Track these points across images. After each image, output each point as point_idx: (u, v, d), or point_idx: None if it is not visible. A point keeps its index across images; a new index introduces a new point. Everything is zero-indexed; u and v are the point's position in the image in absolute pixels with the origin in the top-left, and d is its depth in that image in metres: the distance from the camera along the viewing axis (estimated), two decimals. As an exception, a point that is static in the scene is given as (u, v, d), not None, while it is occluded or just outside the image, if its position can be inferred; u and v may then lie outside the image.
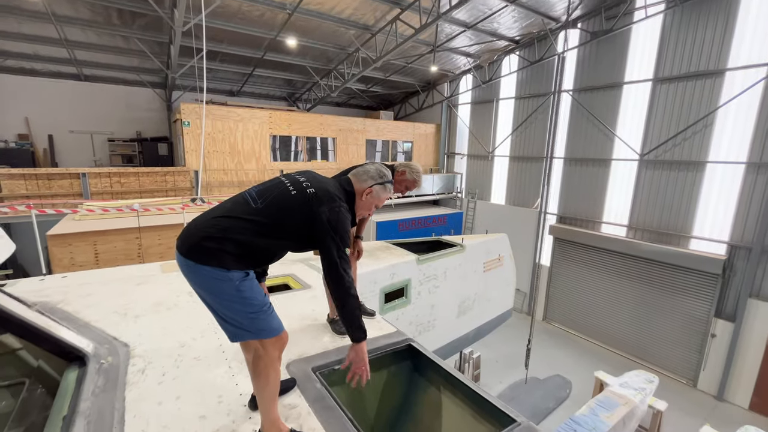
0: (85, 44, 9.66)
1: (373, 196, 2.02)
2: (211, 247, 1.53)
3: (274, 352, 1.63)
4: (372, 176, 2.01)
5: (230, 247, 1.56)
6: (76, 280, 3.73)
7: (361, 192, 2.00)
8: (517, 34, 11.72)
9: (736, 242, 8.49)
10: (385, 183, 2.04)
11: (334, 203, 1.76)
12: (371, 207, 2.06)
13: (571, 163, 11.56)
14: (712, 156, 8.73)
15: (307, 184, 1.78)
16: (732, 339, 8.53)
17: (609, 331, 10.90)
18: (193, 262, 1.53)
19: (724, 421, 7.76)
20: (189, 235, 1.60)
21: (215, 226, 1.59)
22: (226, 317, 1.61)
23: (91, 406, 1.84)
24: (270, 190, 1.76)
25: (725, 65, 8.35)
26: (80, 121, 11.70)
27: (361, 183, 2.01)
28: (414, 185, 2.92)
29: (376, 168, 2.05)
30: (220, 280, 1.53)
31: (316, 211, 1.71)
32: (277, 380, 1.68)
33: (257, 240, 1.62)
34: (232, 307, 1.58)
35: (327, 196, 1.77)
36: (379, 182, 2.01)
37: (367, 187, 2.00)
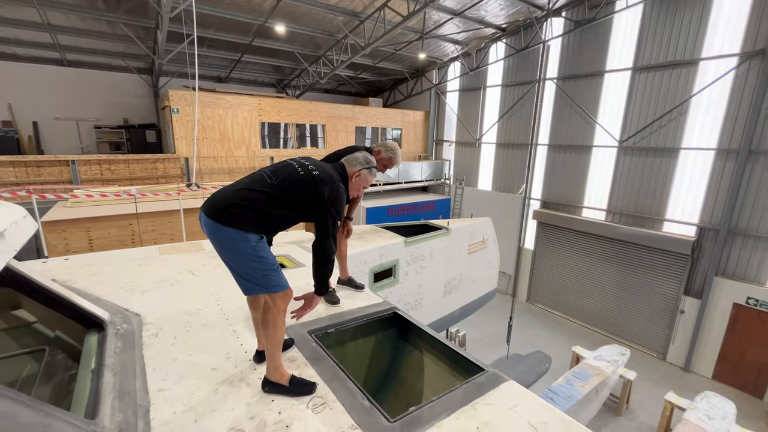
0: (69, 29, 9.52)
1: (361, 179, 2.42)
2: (234, 213, 1.85)
3: (281, 305, 1.93)
4: (360, 162, 2.42)
5: (250, 213, 1.88)
6: (79, 261, 3.92)
7: (352, 175, 2.39)
8: (504, 22, 11.89)
9: (704, 224, 9.03)
10: (371, 168, 2.46)
11: (334, 184, 2.11)
12: (359, 188, 2.46)
13: (555, 150, 11.94)
14: (686, 143, 9.17)
15: (312, 167, 2.13)
16: (699, 314, 9.15)
17: (588, 309, 11.49)
18: (218, 223, 1.84)
19: (689, 389, 8.40)
20: (215, 202, 1.91)
21: (238, 196, 1.91)
22: (243, 273, 1.92)
23: (115, 362, 2.10)
24: (282, 169, 2.09)
25: (699, 55, 8.72)
26: (65, 107, 11.55)
27: (351, 167, 2.40)
28: (391, 162, 3.08)
29: (364, 156, 2.46)
30: (241, 240, 1.85)
31: (320, 190, 2.05)
32: (283, 329, 1.99)
33: (271, 209, 1.95)
34: (248, 264, 1.89)
35: (329, 178, 2.11)
36: (365, 167, 2.42)
37: (356, 171, 2.39)
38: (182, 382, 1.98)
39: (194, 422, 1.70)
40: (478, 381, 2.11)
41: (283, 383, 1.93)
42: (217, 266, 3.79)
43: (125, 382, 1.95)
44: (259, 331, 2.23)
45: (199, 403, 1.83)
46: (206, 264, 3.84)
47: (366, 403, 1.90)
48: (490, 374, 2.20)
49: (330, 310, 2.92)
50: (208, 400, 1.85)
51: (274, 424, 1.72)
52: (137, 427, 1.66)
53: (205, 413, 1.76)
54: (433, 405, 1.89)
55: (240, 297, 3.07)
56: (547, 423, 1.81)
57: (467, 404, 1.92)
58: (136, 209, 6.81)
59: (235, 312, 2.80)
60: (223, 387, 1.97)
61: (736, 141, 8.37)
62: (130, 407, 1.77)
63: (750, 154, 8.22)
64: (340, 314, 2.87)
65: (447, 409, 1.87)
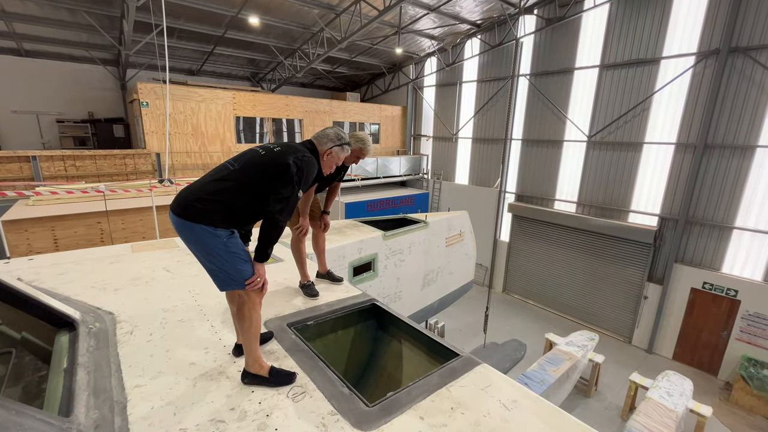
0: (25, 16, 8.95)
1: (333, 156, 2.30)
2: (200, 208, 1.81)
3: (255, 299, 1.94)
4: (331, 138, 2.28)
5: (218, 207, 1.83)
6: (45, 261, 3.76)
7: (322, 153, 2.27)
8: (479, 18, 12.07)
9: (665, 214, 9.58)
10: (343, 144, 2.32)
11: (298, 152, 2.03)
12: (332, 165, 2.34)
13: (528, 145, 12.29)
14: (648, 137, 9.66)
15: (276, 146, 2.06)
16: (660, 299, 9.72)
17: (560, 298, 11.98)
18: (186, 220, 1.80)
19: (651, 369, 8.94)
20: (182, 197, 1.86)
21: (204, 190, 1.86)
22: (215, 270, 1.89)
23: (88, 360, 2.07)
24: (244, 154, 2.03)
25: (660, 54, 9.18)
26: (24, 100, 10.89)
27: (321, 145, 2.27)
28: (362, 153, 2.95)
29: (335, 131, 2.30)
30: (210, 236, 1.81)
31: (284, 160, 1.95)
32: (259, 322, 1.99)
33: (240, 199, 1.89)
34: (221, 260, 1.86)
35: (293, 149, 2.05)
36: (337, 144, 2.29)
37: (327, 148, 2.27)
38: (160, 377, 1.98)
39: (173, 415, 1.71)
40: (452, 365, 2.22)
41: (263, 374, 1.96)
42: (192, 263, 3.73)
43: (100, 380, 1.93)
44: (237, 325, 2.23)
45: (177, 397, 1.84)
46: (181, 261, 3.78)
47: (345, 390, 1.96)
48: (464, 359, 2.30)
49: (309, 303, 2.95)
50: (187, 394, 1.86)
51: (255, 414, 1.75)
52: (114, 423, 1.65)
53: (185, 406, 1.77)
54: (410, 389, 1.98)
55: (217, 293, 3.06)
56: (517, 401, 1.93)
57: (442, 387, 2.01)
58: (106, 206, 6.55)
59: (212, 308, 2.79)
60: (202, 381, 1.98)
61: (694, 136, 8.89)
62: (106, 404, 1.76)
63: (706, 148, 8.76)
64: (319, 307, 2.91)
65: (423, 392, 1.96)
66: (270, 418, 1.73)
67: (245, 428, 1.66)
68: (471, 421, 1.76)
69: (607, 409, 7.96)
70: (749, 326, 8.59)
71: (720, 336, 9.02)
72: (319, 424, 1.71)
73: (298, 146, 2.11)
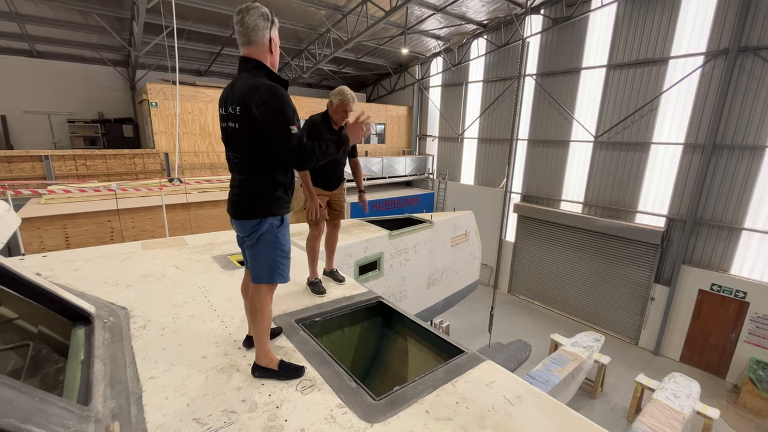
0: (38, 18, 9.13)
1: (276, 42, 1.90)
2: (241, 204, 1.93)
3: (267, 292, 2.01)
4: (263, 26, 1.80)
5: (255, 192, 1.92)
6: (59, 258, 3.86)
7: (266, 49, 1.84)
8: (485, 18, 12.07)
9: (673, 215, 9.50)
10: (274, 20, 1.86)
11: (257, 90, 1.73)
12: (276, 48, 1.91)
13: (534, 145, 12.26)
14: (656, 137, 9.60)
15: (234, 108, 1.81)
16: (668, 301, 9.65)
17: (566, 299, 11.93)
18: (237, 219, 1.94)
19: (658, 371, 8.88)
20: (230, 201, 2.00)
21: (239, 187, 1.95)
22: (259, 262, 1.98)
23: (104, 352, 2.13)
24: (226, 139, 1.95)
25: (669, 53, 9.11)
26: (36, 100, 11.10)
27: (259, 44, 1.82)
28: (345, 106, 2.85)
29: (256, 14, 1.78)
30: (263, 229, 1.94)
31: (252, 112, 1.73)
32: (269, 316, 2.05)
33: (257, 178, 1.89)
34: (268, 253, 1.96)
35: (248, 93, 1.75)
36: (271, 25, 1.84)
37: (269, 39, 1.84)
38: (173, 370, 2.04)
39: (187, 406, 1.77)
40: (457, 362, 2.25)
41: (273, 367, 2.01)
42: (201, 261, 3.81)
43: (116, 372, 1.99)
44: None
45: (190, 388, 1.90)
46: (191, 259, 3.85)
47: (353, 384, 2.00)
48: (469, 355, 2.33)
49: (316, 300, 3.00)
50: (199, 386, 1.92)
51: (265, 405, 1.80)
52: (130, 413, 1.71)
53: (197, 398, 1.83)
54: (416, 384, 2.02)
55: (227, 290, 3.13)
56: (521, 397, 1.96)
57: (448, 382, 2.05)
58: (117, 205, 6.67)
59: (222, 304, 2.85)
60: (213, 373, 2.03)
61: (702, 136, 8.82)
62: (122, 394, 1.82)
63: (714, 149, 8.68)
64: (326, 304, 2.96)
65: (429, 387, 2.00)
66: (280, 410, 1.78)
67: (256, 419, 1.71)
68: (476, 415, 1.80)
69: (612, 410, 7.93)
70: (758, 328, 8.50)
71: (728, 338, 8.93)
72: (328, 416, 1.76)
73: (250, 85, 1.76)
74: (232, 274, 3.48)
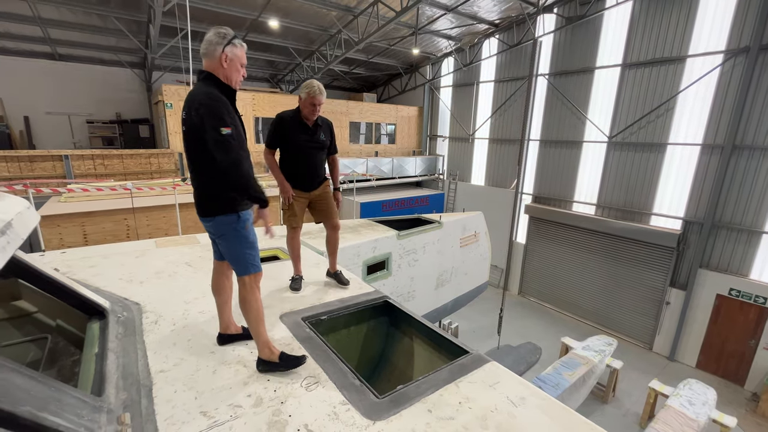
0: (60, 22, 9.44)
1: (231, 57, 2.00)
2: (203, 204, 2.09)
3: (252, 283, 2.12)
4: (216, 42, 1.96)
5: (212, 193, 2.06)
6: (76, 254, 3.99)
7: (218, 62, 1.98)
8: (497, 18, 11.97)
9: (690, 218, 9.27)
10: (232, 40, 2.00)
11: (196, 97, 1.91)
12: (238, 68, 2.06)
13: (546, 145, 12.11)
14: (672, 138, 9.38)
15: (183, 113, 2.00)
16: (683, 305, 9.41)
17: (578, 302, 11.75)
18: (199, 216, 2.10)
19: (673, 377, 8.67)
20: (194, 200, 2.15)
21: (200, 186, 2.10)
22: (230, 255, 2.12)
23: (117, 346, 2.20)
24: (184, 142, 2.08)
25: (686, 52, 8.89)
26: (57, 102, 11.47)
27: (212, 58, 1.98)
28: (313, 98, 2.86)
29: (213, 33, 1.98)
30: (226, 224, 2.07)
31: (192, 116, 1.90)
32: (260, 306, 2.13)
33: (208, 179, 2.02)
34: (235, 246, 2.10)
35: (191, 99, 1.94)
36: (225, 43, 1.98)
37: (220, 54, 1.97)
38: (182, 364, 2.10)
39: (194, 399, 1.82)
40: (462, 362, 2.25)
41: (274, 360, 2.07)
42: (212, 259, 3.87)
43: (128, 365, 2.06)
44: (222, 314, 2.36)
45: (198, 382, 1.95)
46: (202, 256, 3.93)
47: (356, 381, 2.02)
48: (473, 356, 2.33)
49: (323, 299, 3.04)
50: (207, 380, 1.97)
51: (270, 401, 1.84)
52: (141, 405, 1.77)
53: (205, 391, 1.88)
54: (419, 383, 2.03)
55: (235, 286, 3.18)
56: (525, 398, 1.95)
57: (451, 382, 2.05)
58: (132, 204, 6.85)
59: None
60: (221, 368, 2.08)
61: (721, 136, 8.58)
62: (133, 386, 1.88)
63: (734, 149, 8.44)
64: (333, 303, 2.99)
65: (432, 386, 2.01)
66: (284, 405, 1.81)
67: (261, 413, 1.75)
68: (478, 415, 1.80)
69: (624, 416, 7.78)
70: (779, 335, 8.23)
71: (747, 345, 8.66)
72: (331, 412, 1.78)
73: (193, 94, 1.96)
74: (241, 272, 3.54)
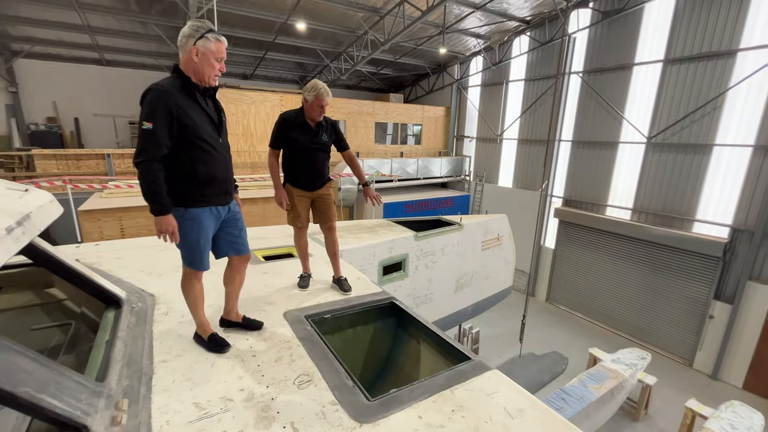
0: (106, 30, 10.13)
1: (203, 52, 1.96)
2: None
3: (188, 273, 2.22)
4: (188, 35, 1.94)
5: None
6: (108, 247, 4.24)
7: (188, 55, 1.95)
8: (528, 15, 11.59)
9: (738, 226, 8.51)
10: (205, 34, 1.96)
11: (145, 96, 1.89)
12: (211, 63, 2.00)
13: (579, 146, 11.56)
14: (720, 139, 8.66)
15: None
16: (729, 321, 8.66)
17: (610, 311, 11.12)
18: None
19: (715, 398, 7.99)
20: None
21: None
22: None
23: (127, 334, 2.31)
24: None
25: (738, 45, 8.19)
26: (103, 104, 12.31)
27: (184, 51, 1.96)
28: (319, 101, 2.82)
29: (188, 26, 1.96)
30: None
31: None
32: (194, 294, 2.26)
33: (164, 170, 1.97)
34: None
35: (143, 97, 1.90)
36: (198, 36, 1.94)
37: (191, 47, 1.94)
38: (184, 355, 2.16)
39: (190, 390, 1.86)
40: (461, 368, 2.17)
41: (204, 337, 2.25)
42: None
43: (134, 353, 2.15)
44: (227, 302, 2.50)
45: (196, 374, 2.00)
46: (220, 251, 4.05)
47: (349, 382, 2.00)
48: (474, 363, 2.24)
49: (329, 298, 3.04)
50: (204, 372, 2.02)
51: (261, 396, 1.85)
52: (140, 392, 1.84)
53: (201, 383, 1.92)
54: (413, 388, 1.98)
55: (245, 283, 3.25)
56: (523, 411, 1.85)
57: (447, 389, 1.98)
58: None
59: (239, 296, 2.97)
60: (219, 361, 2.13)
61: (777, 137, 7.83)
62: (135, 374, 1.96)
63: (792, 152, 7.68)
64: (338, 302, 2.99)
65: (426, 392, 1.95)
66: (274, 402, 1.82)
67: (250, 408, 1.77)
68: (470, 425, 1.73)
69: (657, 436, 7.27)
70: (843, 358, 7.39)
71: (804, 367, 7.84)
72: (319, 412, 1.77)
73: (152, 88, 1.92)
74: (254, 268, 3.61)
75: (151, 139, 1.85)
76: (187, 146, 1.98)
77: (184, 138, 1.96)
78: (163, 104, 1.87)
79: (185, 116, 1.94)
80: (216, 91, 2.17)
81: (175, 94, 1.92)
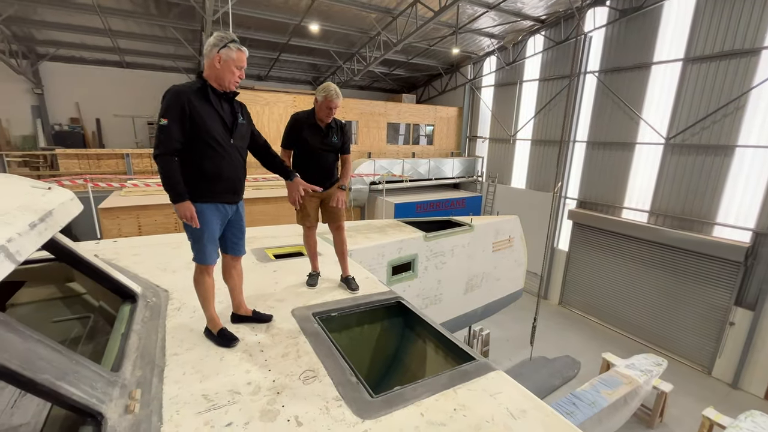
0: (127, 33, 10.44)
1: (225, 59, 2.10)
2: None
3: (199, 269, 2.33)
4: (213, 44, 2.10)
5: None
6: (125, 243, 4.38)
7: (211, 63, 2.11)
8: (543, 14, 11.44)
9: (762, 229, 8.22)
10: (228, 44, 2.10)
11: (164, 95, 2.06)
12: (232, 70, 2.14)
13: (594, 147, 11.35)
14: (742, 140, 8.38)
15: None
16: (751, 327, 8.38)
17: (625, 316, 10.88)
18: None
19: (734, 407, 7.74)
20: None
21: None
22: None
23: (141, 328, 2.40)
24: None
25: (762, 43, 7.92)
26: (123, 105, 12.70)
27: (208, 59, 2.12)
28: (328, 102, 2.89)
29: (214, 36, 2.13)
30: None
31: None
32: (205, 289, 2.35)
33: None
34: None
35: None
36: (222, 45, 2.09)
37: (215, 55, 2.09)
38: (194, 349, 2.23)
39: (199, 382, 1.93)
40: (465, 368, 2.18)
41: (214, 332, 2.33)
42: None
43: (147, 346, 2.23)
44: (233, 298, 2.60)
45: (205, 367, 2.06)
46: (232, 249, 4.14)
47: (353, 379, 2.03)
48: (479, 363, 2.25)
49: (336, 297, 3.08)
50: (213, 366, 2.08)
51: (267, 390, 1.90)
52: (152, 383, 1.91)
53: (210, 376, 1.99)
54: (416, 386, 2.00)
55: (256, 280, 3.33)
56: (526, 411, 1.85)
57: (450, 388, 2.00)
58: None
59: (248, 294, 3.03)
60: (228, 355, 2.19)
61: (804, 138, 7.54)
62: (148, 366, 2.04)
63: (819, 153, 7.38)
64: (346, 300, 3.03)
65: (429, 390, 1.97)
66: (280, 396, 1.87)
67: (256, 401, 1.82)
68: (472, 425, 1.74)
69: (673, 445, 7.09)
70: None
71: (831, 378, 7.52)
72: (323, 407, 1.81)
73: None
74: (264, 267, 3.69)
75: (165, 134, 2.03)
76: (197, 143, 2.12)
77: (195, 135, 2.10)
78: (177, 102, 2.03)
79: (197, 114, 2.08)
80: (235, 96, 2.29)
81: (190, 94, 2.08)
